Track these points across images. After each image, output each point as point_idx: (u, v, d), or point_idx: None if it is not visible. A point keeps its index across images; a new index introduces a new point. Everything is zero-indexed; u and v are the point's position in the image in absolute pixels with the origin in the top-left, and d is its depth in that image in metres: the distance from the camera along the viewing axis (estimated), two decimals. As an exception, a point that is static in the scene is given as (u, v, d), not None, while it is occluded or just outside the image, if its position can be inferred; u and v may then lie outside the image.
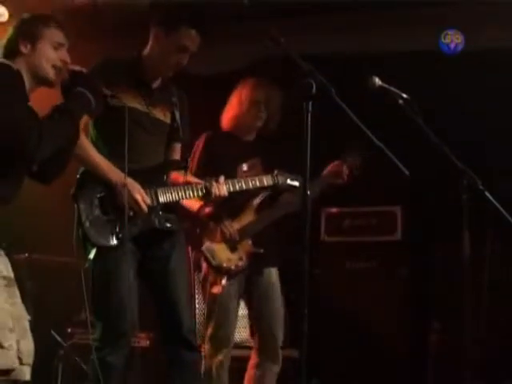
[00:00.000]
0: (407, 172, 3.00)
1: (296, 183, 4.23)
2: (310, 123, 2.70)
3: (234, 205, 4.32)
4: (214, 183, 3.83)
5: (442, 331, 5.41)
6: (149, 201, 3.64)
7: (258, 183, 4.14)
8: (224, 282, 4.32)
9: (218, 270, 4.36)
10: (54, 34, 3.16)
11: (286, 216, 4.56)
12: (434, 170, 4.78)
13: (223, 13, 5.70)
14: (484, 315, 5.04)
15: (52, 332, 5.34)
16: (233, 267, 4.38)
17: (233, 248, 4.41)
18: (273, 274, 4.59)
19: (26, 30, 3.15)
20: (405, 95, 3.82)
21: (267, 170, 4.42)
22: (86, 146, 3.63)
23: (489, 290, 5.19)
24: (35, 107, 3.07)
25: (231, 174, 4.21)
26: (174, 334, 3.73)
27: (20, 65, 3.09)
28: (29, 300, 5.35)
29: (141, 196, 3.61)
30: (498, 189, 3.80)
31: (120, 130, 3.55)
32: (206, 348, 4.42)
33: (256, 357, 4.56)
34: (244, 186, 4.03)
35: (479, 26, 5.67)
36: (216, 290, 4.33)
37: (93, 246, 3.56)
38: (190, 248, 5.27)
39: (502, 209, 3.79)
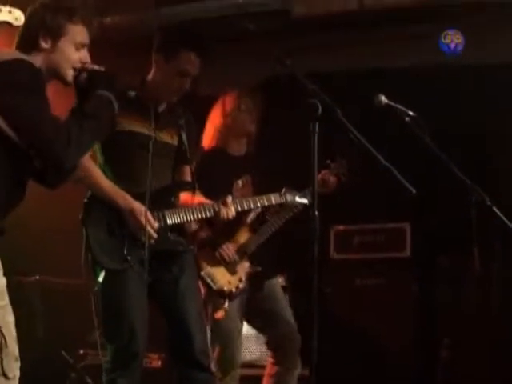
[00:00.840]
0: (414, 190, 3.01)
1: (305, 200, 4.23)
2: (316, 144, 2.72)
3: (227, 224, 4.31)
4: (222, 204, 3.84)
5: (452, 347, 5.39)
6: (156, 225, 3.66)
7: (265, 202, 4.14)
8: (226, 305, 4.31)
9: (220, 294, 4.35)
10: (78, 33, 2.88)
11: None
12: (442, 187, 4.78)
13: (228, 33, 5.75)
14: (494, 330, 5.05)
15: (63, 353, 5.34)
16: (234, 290, 4.37)
17: (232, 270, 4.40)
18: (272, 283, 4.61)
19: (49, 24, 2.84)
20: (411, 113, 3.84)
21: (257, 188, 4.43)
22: (93, 171, 3.66)
23: (498, 304, 5.18)
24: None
25: (226, 191, 4.21)
26: (186, 355, 3.74)
27: (37, 59, 2.82)
28: (40, 322, 5.40)
29: (148, 221, 3.63)
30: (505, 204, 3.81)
31: (127, 155, 3.59)
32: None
33: (274, 367, 4.55)
34: (252, 206, 4.05)
35: (484, 40, 5.69)
36: (219, 315, 4.31)
37: (101, 269, 3.59)
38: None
39: (510, 224, 3.79)
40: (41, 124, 2.69)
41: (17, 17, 2.44)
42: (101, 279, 3.57)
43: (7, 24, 2.42)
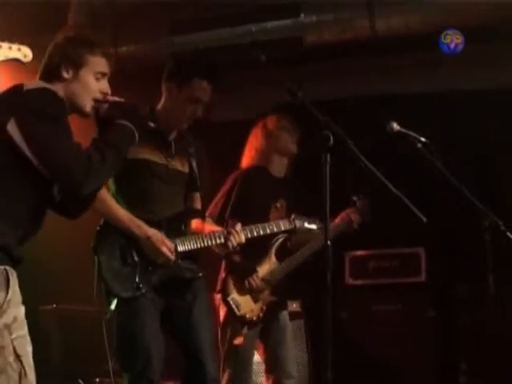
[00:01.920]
0: (424, 219, 3.01)
1: (314, 226, 4.26)
2: (328, 175, 2.74)
3: (256, 251, 4.36)
4: (232, 231, 3.86)
5: (470, 373, 5.36)
6: (173, 248, 3.68)
7: (275, 228, 4.16)
8: (245, 332, 4.34)
9: (241, 321, 4.40)
10: (99, 63, 2.97)
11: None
12: (456, 211, 4.78)
13: (241, 61, 5.79)
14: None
15: (80, 382, 5.35)
16: (255, 318, 4.42)
17: (255, 298, 4.45)
18: (286, 317, 4.63)
19: (71, 54, 2.93)
20: (423, 139, 3.86)
21: (290, 212, 4.44)
22: (108, 199, 3.70)
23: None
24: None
25: (264, 212, 4.24)
26: (198, 382, 3.74)
27: (58, 89, 2.88)
28: (57, 350, 5.42)
29: (166, 246, 3.66)
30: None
31: (140, 183, 3.63)
32: None
33: None
34: (261, 232, 4.06)
35: (500, 65, 5.72)
36: (238, 341, 4.35)
37: (114, 297, 3.61)
38: (215, 294, 5.33)
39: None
40: (61, 151, 2.74)
41: (26, 54, 2.50)
42: (113, 307, 3.59)
43: (17, 61, 2.48)
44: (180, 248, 3.73)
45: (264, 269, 4.49)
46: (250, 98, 6.41)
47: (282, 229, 4.22)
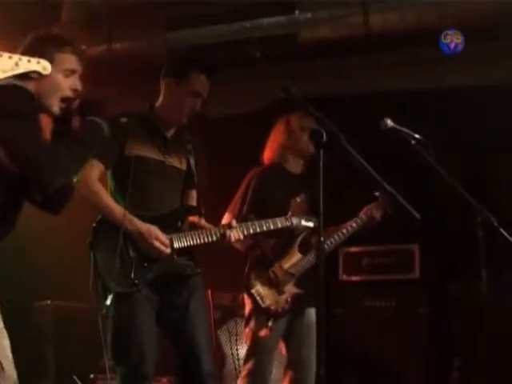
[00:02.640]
0: (418, 216, 3.02)
1: (311, 224, 4.27)
2: (321, 171, 2.74)
3: (279, 244, 4.42)
4: (228, 228, 3.87)
5: (463, 368, 5.38)
6: (168, 242, 3.69)
7: (271, 225, 4.17)
8: (270, 324, 4.36)
9: (266, 313, 4.42)
10: (67, 60, 2.98)
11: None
12: (450, 208, 4.80)
13: (236, 57, 5.79)
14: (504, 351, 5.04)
15: (74, 378, 5.36)
16: (280, 310, 4.44)
17: (280, 290, 4.46)
18: (312, 314, 4.57)
19: (39, 53, 2.81)
20: (417, 135, 3.87)
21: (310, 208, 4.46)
22: (104, 196, 3.72)
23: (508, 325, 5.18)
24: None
25: (283, 208, 4.27)
26: (194, 377, 3.74)
27: (29, 86, 2.88)
28: (51, 346, 5.42)
29: (159, 241, 3.67)
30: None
31: (137, 180, 3.64)
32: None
33: None
34: (258, 229, 4.06)
35: (496, 63, 5.73)
36: (264, 333, 4.38)
37: (109, 292, 3.61)
38: (209, 292, 5.35)
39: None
40: (30, 148, 2.78)
41: (45, 67, 2.54)
42: (109, 302, 3.60)
43: (37, 73, 2.54)
44: (176, 244, 3.74)
45: (288, 261, 4.51)
46: (246, 94, 6.41)
47: (279, 226, 4.23)
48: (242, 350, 5.52)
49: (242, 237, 3.90)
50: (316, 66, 6.07)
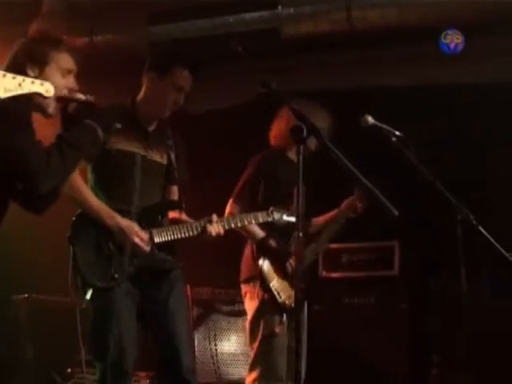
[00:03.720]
0: (396, 212, 3.02)
1: (292, 218, 4.22)
2: (301, 165, 2.74)
3: (279, 238, 4.39)
4: (209, 223, 3.85)
5: (442, 365, 5.40)
6: (147, 238, 3.67)
7: (253, 220, 4.15)
8: (285, 320, 4.30)
9: (282, 308, 4.35)
10: (64, 60, 2.99)
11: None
12: (430, 205, 4.81)
13: (218, 52, 5.78)
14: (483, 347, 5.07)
15: (52, 372, 5.33)
16: (292, 305, 4.35)
17: (292, 284, 4.39)
18: (305, 310, 4.59)
19: (36, 53, 2.96)
20: (398, 132, 3.87)
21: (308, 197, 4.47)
22: (83, 189, 3.69)
23: (487, 321, 5.21)
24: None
25: (290, 196, 4.22)
26: (174, 373, 3.73)
27: None
28: (28, 340, 5.39)
29: (139, 237, 3.65)
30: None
31: (118, 174, 3.62)
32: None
33: None
34: (239, 224, 4.05)
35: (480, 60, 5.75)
36: (279, 329, 4.31)
37: (89, 287, 3.59)
38: (188, 287, 5.33)
39: (496, 243, 3.82)
40: (22, 149, 2.76)
41: (48, 89, 2.55)
42: (88, 297, 3.58)
43: (38, 95, 2.55)
44: (156, 239, 3.73)
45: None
46: (228, 90, 6.40)
47: (260, 220, 4.21)
48: (221, 346, 5.52)
49: (222, 231, 3.88)
50: (299, 61, 6.07)
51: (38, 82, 2.52)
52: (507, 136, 5.65)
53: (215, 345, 5.58)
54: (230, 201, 4.53)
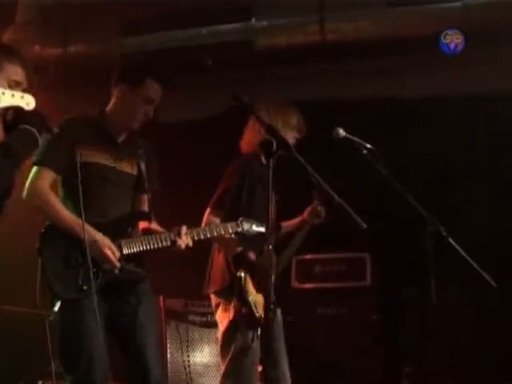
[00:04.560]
0: (364, 225, 3.04)
1: (262, 229, 4.17)
2: (271, 178, 2.75)
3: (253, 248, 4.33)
4: (178, 234, 3.83)
5: (412, 375, 5.44)
6: (119, 254, 3.67)
7: (222, 230, 4.13)
8: (259, 333, 4.23)
9: (257, 322, 4.28)
10: (14, 72, 3.02)
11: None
12: (401, 217, 4.85)
13: (191, 63, 5.80)
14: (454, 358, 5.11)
15: (21, 384, 5.30)
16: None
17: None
18: (279, 315, 4.58)
19: None
20: (369, 145, 3.90)
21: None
22: (55, 202, 3.68)
23: (458, 332, 5.25)
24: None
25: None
26: (144, 385, 3.73)
27: None
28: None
29: (111, 251, 3.64)
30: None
31: (87, 186, 3.61)
32: None
33: None
34: (208, 235, 4.02)
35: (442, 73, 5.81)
36: (253, 343, 4.24)
37: (57, 298, 3.57)
38: (161, 298, 5.31)
39: (465, 254, 3.86)
40: None
41: (28, 102, 2.54)
42: (56, 309, 3.56)
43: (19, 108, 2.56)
44: (125, 251, 3.71)
45: None
46: (199, 100, 6.41)
47: (230, 231, 4.19)
48: (193, 357, 5.51)
49: (191, 243, 3.86)
50: (272, 73, 6.09)
51: (18, 94, 2.50)
52: (477, 146, 5.73)
53: (188, 356, 5.57)
54: (208, 210, 4.44)
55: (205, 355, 5.55)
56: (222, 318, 4.43)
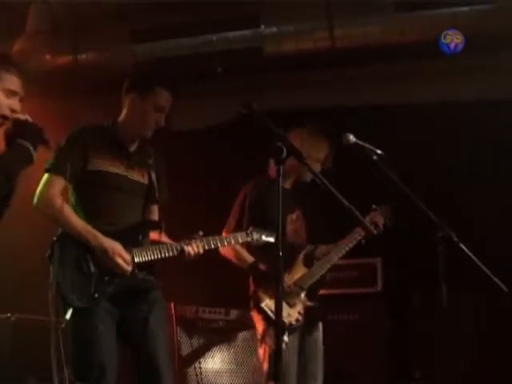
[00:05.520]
0: (375, 232, 3.05)
1: (271, 239, 4.21)
2: (280, 184, 2.76)
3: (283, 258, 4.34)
4: (189, 242, 3.86)
5: (423, 380, 5.43)
6: (129, 259, 3.68)
7: (232, 241, 4.15)
8: (286, 338, 4.23)
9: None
10: (10, 81, 3.01)
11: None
12: (412, 223, 4.84)
13: (201, 70, 5.82)
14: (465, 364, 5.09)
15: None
16: (294, 322, 4.37)
17: (291, 303, 4.41)
18: (321, 328, 4.62)
19: None
20: (379, 151, 3.90)
21: (309, 222, 4.48)
22: (66, 210, 3.69)
23: (470, 337, 5.24)
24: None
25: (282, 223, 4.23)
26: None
27: None
28: (11, 360, 5.36)
29: (122, 258, 3.66)
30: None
31: (99, 194, 3.64)
32: None
33: None
34: (219, 244, 4.04)
35: (451, 79, 5.81)
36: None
37: (69, 307, 3.58)
38: (172, 304, 5.32)
39: (476, 259, 3.85)
40: None
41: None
42: (68, 317, 3.57)
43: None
44: (137, 259, 3.72)
45: (294, 274, 4.49)
46: (210, 108, 6.43)
47: (240, 241, 4.20)
48: (205, 364, 5.51)
49: (201, 251, 3.87)
50: (281, 79, 6.10)
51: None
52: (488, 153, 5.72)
53: (199, 363, 5.56)
54: (224, 231, 4.50)
55: (216, 362, 5.54)
56: (258, 327, 4.50)
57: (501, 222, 5.69)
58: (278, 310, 2.77)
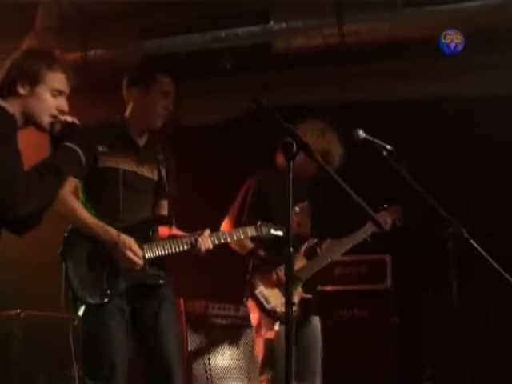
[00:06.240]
0: (385, 228, 3.04)
1: (280, 233, 4.23)
2: (291, 180, 2.75)
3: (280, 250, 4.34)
4: (199, 237, 3.86)
5: (434, 377, 5.41)
6: (141, 253, 3.68)
7: (242, 235, 4.16)
8: (277, 327, 4.29)
9: (272, 315, 4.37)
10: (56, 80, 2.92)
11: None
12: (422, 219, 4.83)
13: (211, 66, 5.81)
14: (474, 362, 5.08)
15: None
16: None
17: (283, 293, 4.41)
18: (317, 322, 4.64)
19: (28, 70, 2.89)
20: (389, 147, 3.89)
21: (314, 216, 4.47)
22: (77, 207, 3.72)
23: (479, 334, 5.23)
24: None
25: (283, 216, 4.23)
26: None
27: (13, 104, 2.86)
28: (20, 356, 5.37)
29: (133, 252, 3.66)
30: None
31: (109, 191, 3.64)
32: None
33: None
34: (229, 239, 4.06)
35: (459, 76, 5.79)
36: (269, 335, 4.32)
37: (81, 303, 3.59)
38: (182, 300, 5.32)
39: (486, 255, 3.83)
40: (3, 170, 2.69)
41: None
42: (80, 313, 3.58)
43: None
44: (147, 254, 3.73)
45: (294, 265, 4.49)
46: (219, 104, 6.43)
47: (249, 235, 4.22)
48: (214, 360, 5.51)
49: (211, 246, 3.89)
50: (290, 75, 6.09)
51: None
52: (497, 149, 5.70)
53: (209, 359, 5.57)
54: (226, 219, 4.56)
55: (226, 358, 5.55)
56: (253, 316, 4.50)
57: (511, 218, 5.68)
58: (288, 305, 2.76)
